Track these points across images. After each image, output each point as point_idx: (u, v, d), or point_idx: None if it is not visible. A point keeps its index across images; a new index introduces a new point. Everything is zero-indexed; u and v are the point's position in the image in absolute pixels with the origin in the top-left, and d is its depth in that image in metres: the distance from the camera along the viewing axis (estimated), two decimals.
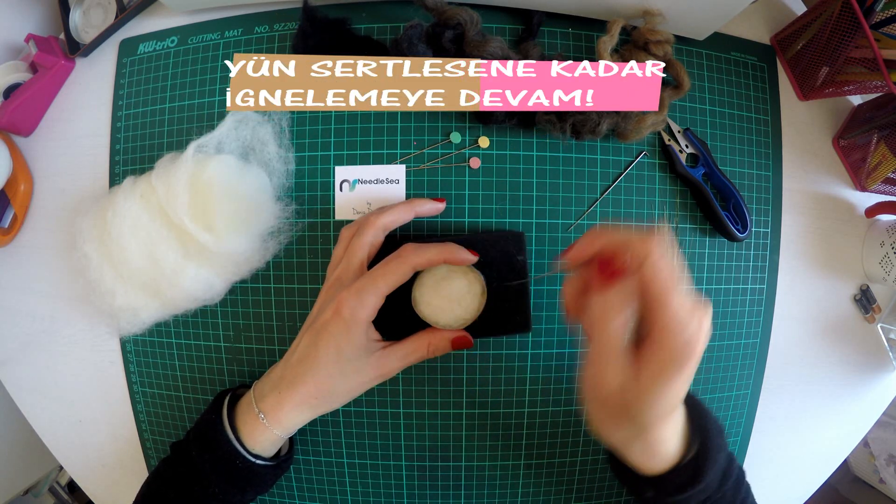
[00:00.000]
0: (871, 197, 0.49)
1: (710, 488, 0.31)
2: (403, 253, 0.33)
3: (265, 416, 0.34)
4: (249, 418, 0.35)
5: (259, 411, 0.34)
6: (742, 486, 0.34)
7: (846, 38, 0.40)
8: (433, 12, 0.37)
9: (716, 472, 0.30)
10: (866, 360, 0.50)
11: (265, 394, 0.35)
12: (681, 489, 0.30)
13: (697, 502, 0.31)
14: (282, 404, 0.34)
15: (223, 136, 0.40)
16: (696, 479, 0.29)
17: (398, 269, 0.33)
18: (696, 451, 0.30)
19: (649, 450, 0.29)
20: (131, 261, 0.38)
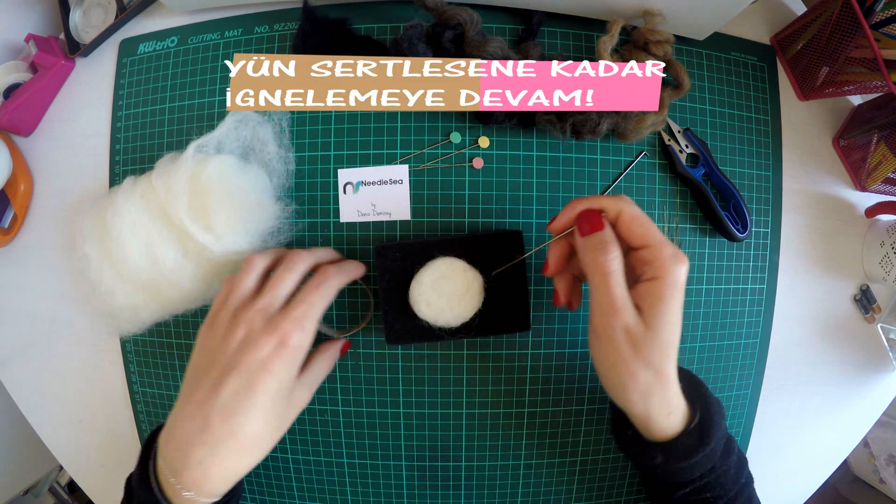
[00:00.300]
0: (871, 197, 0.49)
1: (715, 455, 0.32)
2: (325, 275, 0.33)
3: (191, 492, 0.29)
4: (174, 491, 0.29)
5: (182, 488, 0.29)
6: (744, 467, 0.35)
7: (846, 38, 0.40)
8: (433, 12, 0.37)
9: (719, 438, 0.32)
10: (866, 360, 0.50)
11: (182, 467, 0.29)
12: (689, 453, 0.31)
13: (704, 471, 0.32)
14: (208, 475, 0.29)
15: (223, 136, 0.40)
16: (704, 441, 0.31)
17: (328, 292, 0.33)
18: (700, 416, 0.32)
19: (667, 401, 0.31)
20: (131, 261, 0.38)
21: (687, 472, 0.32)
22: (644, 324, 0.30)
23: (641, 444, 0.33)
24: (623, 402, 0.32)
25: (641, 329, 0.29)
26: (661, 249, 0.30)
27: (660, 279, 0.30)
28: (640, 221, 0.31)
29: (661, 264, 0.30)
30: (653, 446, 0.32)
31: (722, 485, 0.33)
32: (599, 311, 0.30)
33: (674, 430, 0.31)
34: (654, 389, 0.30)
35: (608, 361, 0.31)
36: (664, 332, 0.29)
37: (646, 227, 0.31)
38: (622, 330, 0.30)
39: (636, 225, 0.31)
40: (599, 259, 0.30)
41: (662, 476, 0.33)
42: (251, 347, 0.30)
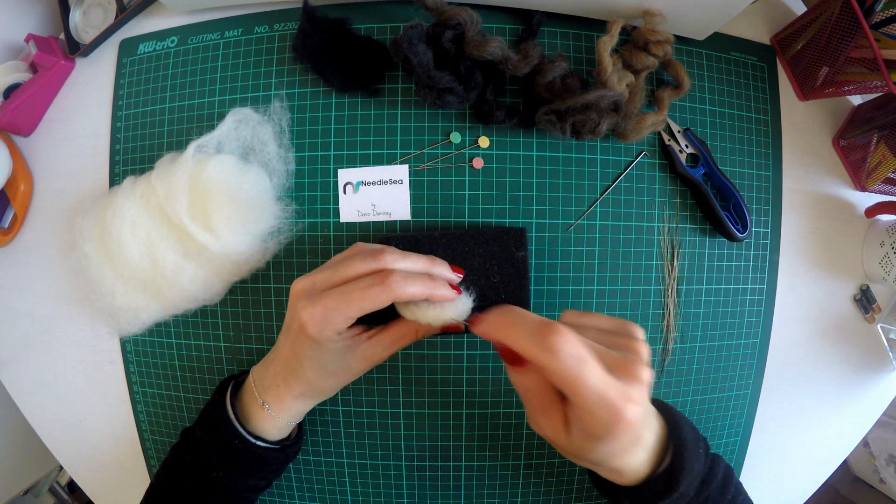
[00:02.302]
0: (871, 197, 0.49)
1: (688, 495, 0.31)
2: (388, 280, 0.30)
3: (269, 407, 0.34)
4: (255, 407, 0.35)
5: (263, 402, 0.34)
6: (729, 487, 0.34)
7: (846, 38, 0.40)
8: (433, 12, 0.37)
9: (692, 480, 0.30)
10: (866, 360, 0.50)
11: (267, 386, 0.35)
12: (656, 499, 0.30)
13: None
14: (282, 397, 0.34)
15: (223, 136, 0.40)
16: (671, 489, 0.29)
17: (377, 297, 0.30)
18: (671, 461, 0.30)
19: (616, 474, 0.30)
20: (131, 261, 0.38)
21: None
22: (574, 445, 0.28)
23: (609, 488, 0.32)
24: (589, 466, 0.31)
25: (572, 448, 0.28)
26: (591, 410, 0.25)
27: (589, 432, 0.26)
28: (565, 382, 0.25)
29: (591, 421, 0.26)
30: (620, 491, 0.31)
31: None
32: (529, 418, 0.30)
33: (640, 476, 0.30)
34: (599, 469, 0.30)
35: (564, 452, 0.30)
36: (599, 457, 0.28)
37: (573, 386, 0.25)
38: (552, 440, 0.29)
39: (563, 384, 0.26)
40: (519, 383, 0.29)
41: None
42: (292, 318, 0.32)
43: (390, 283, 0.30)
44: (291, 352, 0.33)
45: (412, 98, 0.41)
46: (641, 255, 0.43)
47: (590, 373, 0.25)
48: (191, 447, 0.36)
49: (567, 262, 0.42)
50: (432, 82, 0.37)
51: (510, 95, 0.42)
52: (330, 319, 0.30)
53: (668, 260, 0.43)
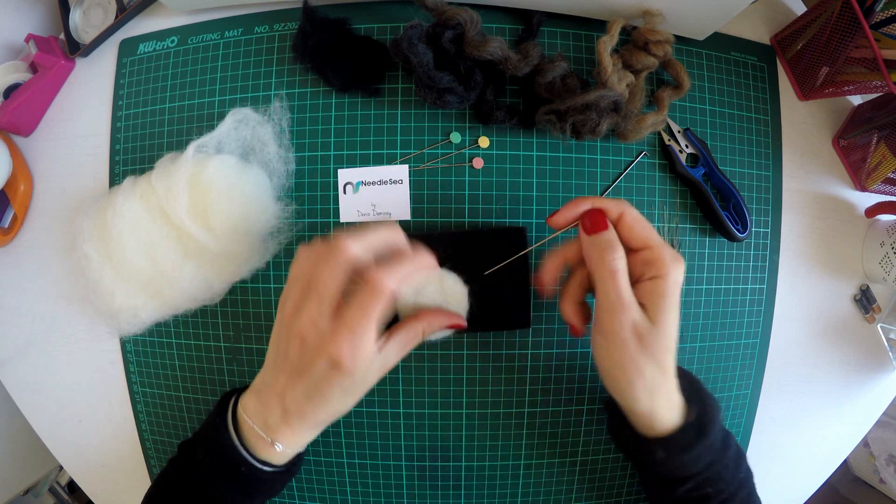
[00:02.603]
0: (871, 197, 0.49)
1: (714, 448, 0.33)
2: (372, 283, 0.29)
3: (281, 445, 0.33)
4: (262, 442, 0.33)
5: (272, 441, 0.33)
6: (742, 464, 0.36)
7: (846, 38, 0.40)
8: (433, 12, 0.37)
9: (717, 431, 0.33)
10: (866, 360, 0.50)
11: (274, 425, 0.33)
12: (689, 446, 0.32)
13: (704, 465, 0.33)
14: (296, 435, 0.33)
15: (223, 136, 0.40)
16: (703, 434, 0.32)
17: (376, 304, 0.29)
18: (698, 410, 0.33)
19: (669, 397, 0.32)
20: (131, 261, 0.38)
21: (688, 465, 0.32)
22: (649, 320, 0.31)
23: (642, 442, 0.33)
24: (629, 399, 0.32)
25: (647, 325, 0.30)
26: (662, 250, 0.31)
27: (662, 278, 0.30)
28: (641, 224, 0.32)
29: (663, 264, 0.31)
30: (653, 442, 0.33)
31: (723, 478, 0.33)
32: (607, 309, 0.31)
33: (673, 425, 0.32)
34: (659, 385, 0.31)
35: (614, 359, 0.32)
36: (668, 328, 0.31)
37: (647, 230, 0.32)
38: (630, 326, 0.30)
39: (639, 227, 0.32)
40: (607, 258, 0.31)
41: (664, 472, 0.33)
42: (309, 360, 0.30)
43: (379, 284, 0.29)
44: (313, 388, 0.31)
45: (412, 98, 0.41)
46: None
47: (650, 226, 0.32)
48: (192, 466, 0.35)
49: None
50: (432, 82, 0.37)
51: (510, 95, 0.42)
52: (359, 350, 0.29)
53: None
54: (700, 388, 0.34)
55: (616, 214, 0.32)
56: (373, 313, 0.29)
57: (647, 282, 0.31)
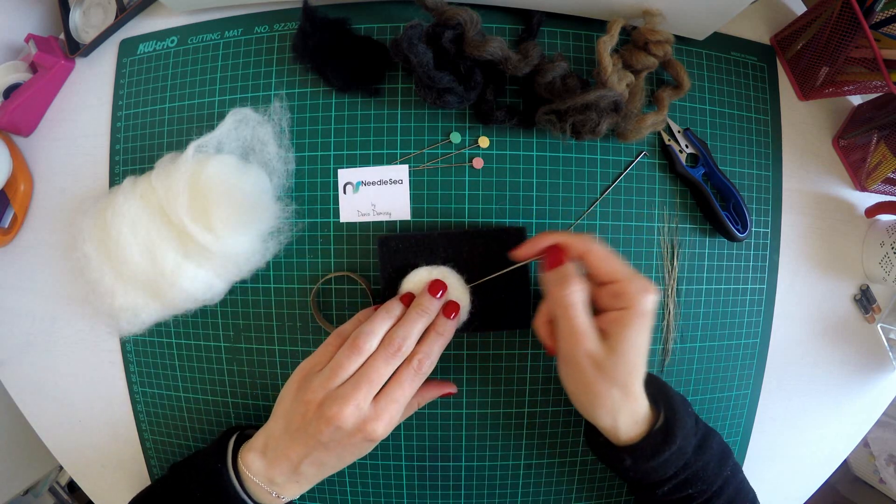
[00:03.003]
0: (871, 197, 0.49)
1: (685, 454, 0.34)
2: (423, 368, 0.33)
3: (286, 497, 0.35)
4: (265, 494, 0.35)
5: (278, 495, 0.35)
6: (727, 460, 0.36)
7: (846, 38, 0.40)
8: (433, 12, 0.37)
9: (686, 436, 0.34)
10: (866, 360, 0.50)
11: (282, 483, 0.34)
12: (655, 453, 0.33)
13: (676, 469, 0.34)
14: (301, 488, 0.36)
15: (223, 136, 0.40)
16: (668, 441, 0.33)
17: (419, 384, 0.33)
18: (664, 417, 0.34)
19: (633, 413, 0.33)
20: (131, 261, 0.38)
21: (658, 471, 0.33)
22: (608, 348, 0.32)
23: (612, 450, 0.35)
24: (593, 419, 0.34)
25: (603, 353, 0.32)
26: (629, 283, 0.32)
27: (627, 309, 0.32)
28: (608, 259, 0.33)
29: (629, 296, 0.32)
30: (621, 450, 0.34)
31: (703, 479, 0.34)
32: (565, 338, 0.33)
33: (640, 433, 0.34)
34: (620, 405, 0.33)
35: (576, 384, 0.34)
36: (629, 355, 0.32)
37: (614, 265, 0.33)
38: (585, 355, 0.32)
39: (605, 263, 0.33)
40: (562, 292, 0.32)
41: (636, 478, 0.35)
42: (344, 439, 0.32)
43: (423, 369, 0.33)
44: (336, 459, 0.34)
45: (412, 98, 0.41)
46: (641, 255, 0.43)
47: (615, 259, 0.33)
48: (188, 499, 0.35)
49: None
50: (432, 82, 0.37)
51: (510, 95, 0.42)
52: (395, 422, 0.33)
53: (668, 260, 0.43)
54: (668, 393, 0.35)
55: (580, 251, 0.33)
56: (414, 391, 0.33)
57: (612, 312, 0.32)
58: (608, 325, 0.32)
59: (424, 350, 0.33)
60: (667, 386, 0.36)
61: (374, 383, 0.32)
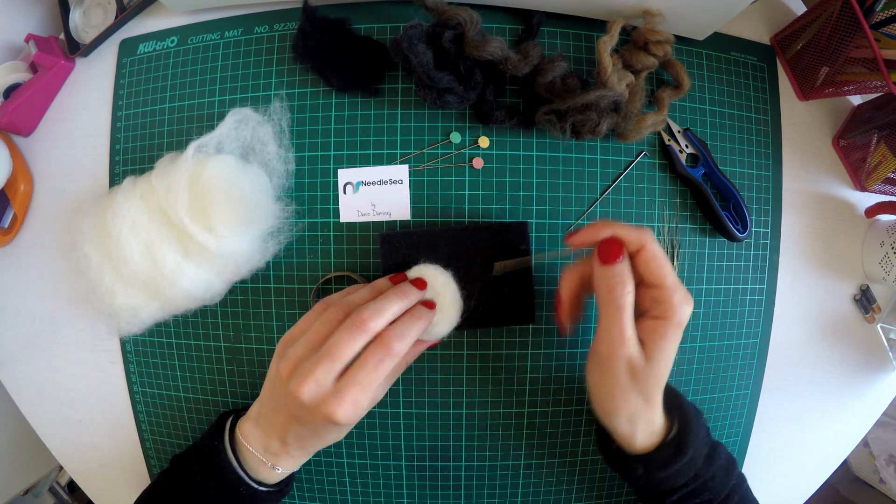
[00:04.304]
0: (871, 197, 0.49)
1: (696, 464, 0.34)
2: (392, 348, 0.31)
3: (281, 468, 0.35)
4: (261, 465, 0.35)
5: (272, 465, 0.35)
6: (733, 470, 0.36)
7: (846, 38, 0.40)
8: (433, 12, 0.37)
9: (698, 447, 0.33)
10: (866, 360, 0.50)
11: (275, 451, 0.35)
12: (668, 463, 0.33)
13: (687, 479, 0.34)
14: (295, 459, 0.36)
15: (223, 136, 0.40)
16: (681, 452, 0.33)
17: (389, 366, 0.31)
18: (678, 429, 0.34)
19: (650, 423, 0.33)
20: (131, 261, 0.38)
21: (669, 480, 0.33)
22: (645, 357, 0.31)
23: (624, 458, 0.35)
24: (612, 422, 0.34)
25: (642, 362, 0.31)
26: (673, 292, 0.31)
27: (666, 319, 0.31)
28: (658, 261, 0.31)
29: (671, 306, 0.31)
30: (634, 459, 0.34)
31: (710, 489, 0.34)
32: (606, 340, 0.32)
33: (652, 443, 0.34)
34: (641, 414, 0.33)
35: (604, 387, 0.33)
36: (661, 366, 0.32)
37: (664, 268, 0.31)
38: (625, 361, 0.31)
39: (655, 265, 0.31)
40: (616, 292, 0.31)
41: (647, 486, 0.35)
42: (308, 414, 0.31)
43: (393, 349, 0.31)
44: (311, 433, 0.33)
45: (412, 98, 0.41)
46: None
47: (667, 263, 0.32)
48: (190, 486, 0.36)
49: (567, 263, 0.42)
50: (432, 82, 0.37)
51: (510, 95, 0.42)
52: (360, 406, 0.31)
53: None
54: (682, 405, 0.35)
55: (636, 247, 0.32)
56: (384, 372, 0.31)
57: (651, 319, 0.32)
58: (646, 333, 0.32)
59: (397, 329, 0.31)
60: (681, 396, 0.36)
61: (335, 359, 0.30)
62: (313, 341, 0.31)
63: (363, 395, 0.30)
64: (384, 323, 0.31)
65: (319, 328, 0.32)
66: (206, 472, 0.35)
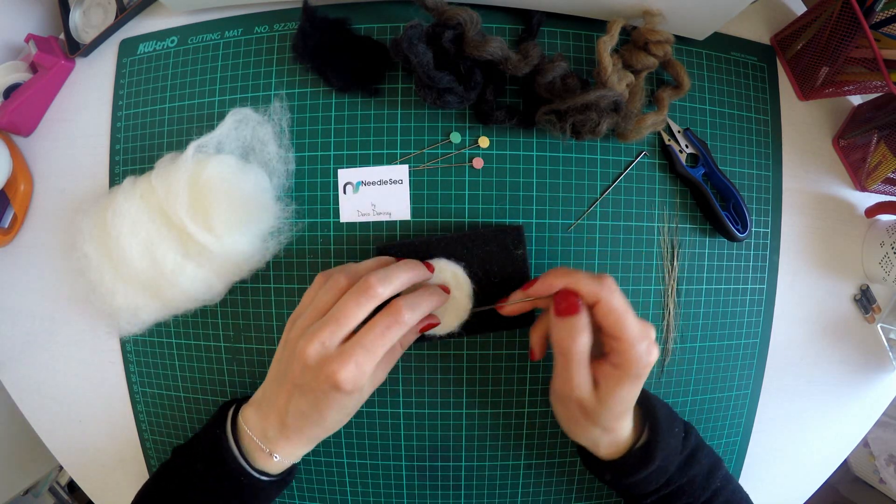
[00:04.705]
0: (871, 197, 0.49)
1: (667, 471, 0.35)
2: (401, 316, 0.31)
3: (279, 457, 0.35)
4: (261, 454, 0.35)
5: (271, 452, 0.35)
6: (716, 473, 0.37)
7: (846, 38, 0.40)
8: (433, 12, 0.37)
9: (668, 456, 0.34)
10: (866, 360, 0.50)
11: (273, 438, 0.35)
12: (634, 471, 0.34)
13: (658, 485, 0.35)
14: (294, 447, 0.35)
15: (223, 136, 0.40)
16: (647, 461, 0.34)
17: (396, 334, 0.31)
18: (646, 437, 0.35)
19: (614, 444, 0.35)
20: (131, 261, 0.38)
21: (638, 486, 0.35)
22: (597, 399, 0.32)
23: (595, 463, 0.37)
24: (576, 440, 0.37)
25: (594, 403, 0.32)
26: (631, 346, 0.31)
27: (622, 370, 0.31)
28: (616, 315, 0.31)
29: (627, 359, 0.31)
30: (602, 465, 0.36)
31: (688, 492, 0.35)
32: (560, 381, 0.33)
33: (619, 451, 0.35)
34: (601, 437, 0.35)
35: (564, 415, 0.36)
36: (616, 409, 0.32)
37: (621, 321, 0.31)
38: (575, 402, 0.33)
39: (613, 318, 0.31)
40: (565, 344, 0.31)
41: (616, 490, 0.37)
42: (311, 380, 0.31)
43: (403, 317, 0.31)
44: (311, 407, 0.32)
45: (412, 98, 0.41)
46: (641, 255, 0.43)
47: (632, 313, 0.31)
48: (192, 476, 0.36)
49: (567, 262, 0.42)
50: (432, 82, 0.37)
51: (510, 95, 0.42)
52: (364, 371, 0.30)
53: (668, 260, 0.43)
54: (655, 413, 0.35)
55: (592, 300, 0.31)
56: (391, 340, 0.31)
57: (607, 365, 0.32)
58: (601, 377, 0.32)
59: (409, 300, 0.31)
60: (654, 400, 0.37)
61: (341, 323, 0.30)
62: (319, 308, 0.32)
63: (367, 359, 0.30)
64: (391, 291, 0.31)
65: (324, 296, 0.32)
66: (208, 462, 0.35)
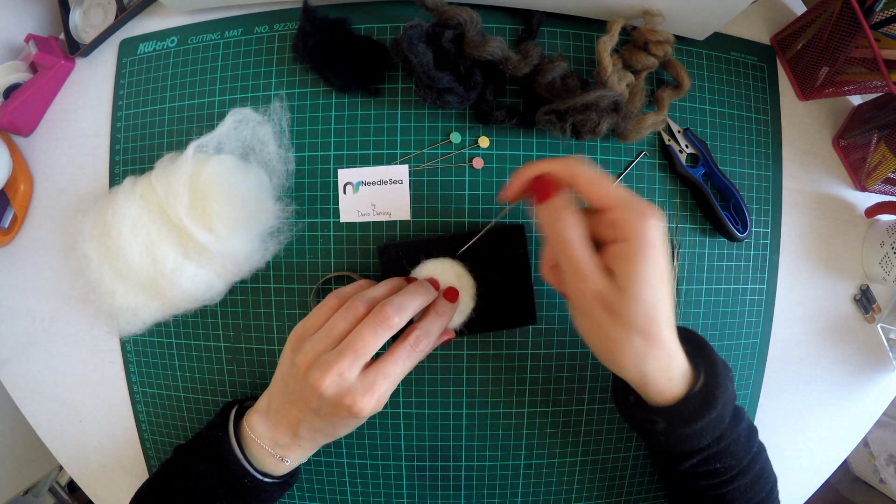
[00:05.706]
0: (871, 197, 0.49)
1: (723, 422, 0.30)
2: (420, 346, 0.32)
3: (289, 461, 0.35)
4: (268, 457, 0.35)
5: (281, 457, 0.35)
6: (755, 435, 0.34)
7: (846, 38, 0.40)
8: (433, 12, 0.37)
9: (727, 402, 0.30)
10: (866, 360, 0.50)
11: (285, 444, 0.35)
12: (693, 418, 0.29)
13: (711, 439, 0.30)
14: (305, 452, 0.36)
15: (223, 136, 0.40)
16: (708, 406, 0.29)
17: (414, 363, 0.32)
18: (704, 379, 0.30)
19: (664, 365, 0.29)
20: (131, 261, 0.38)
21: (693, 439, 0.30)
22: (616, 288, 0.28)
23: (643, 410, 0.31)
24: (616, 369, 0.31)
25: (615, 294, 0.28)
26: (624, 209, 0.28)
27: (627, 240, 0.27)
28: (598, 183, 0.28)
29: (627, 225, 0.27)
30: (654, 411, 0.31)
31: (733, 454, 0.31)
32: (569, 281, 0.30)
33: (676, 395, 0.30)
34: (644, 355, 0.29)
35: (591, 331, 0.30)
36: (642, 294, 0.27)
37: (605, 189, 0.28)
38: (593, 297, 0.28)
39: (594, 187, 0.28)
40: (554, 227, 0.29)
41: (667, 444, 0.31)
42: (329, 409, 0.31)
43: (422, 348, 0.32)
44: (327, 425, 0.33)
45: (412, 98, 0.41)
46: None
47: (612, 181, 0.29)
48: (194, 476, 0.35)
49: None
50: (432, 82, 0.37)
51: (510, 95, 0.42)
52: (384, 400, 0.32)
53: (668, 260, 0.43)
54: (709, 354, 0.31)
55: (568, 177, 0.29)
56: (410, 368, 0.32)
57: (612, 245, 0.28)
58: (612, 261, 0.28)
59: (423, 327, 0.32)
60: (707, 346, 0.32)
61: (359, 353, 0.30)
62: (333, 336, 0.31)
63: (389, 387, 0.31)
64: (406, 319, 0.32)
65: (338, 323, 0.32)
66: (210, 463, 0.35)
